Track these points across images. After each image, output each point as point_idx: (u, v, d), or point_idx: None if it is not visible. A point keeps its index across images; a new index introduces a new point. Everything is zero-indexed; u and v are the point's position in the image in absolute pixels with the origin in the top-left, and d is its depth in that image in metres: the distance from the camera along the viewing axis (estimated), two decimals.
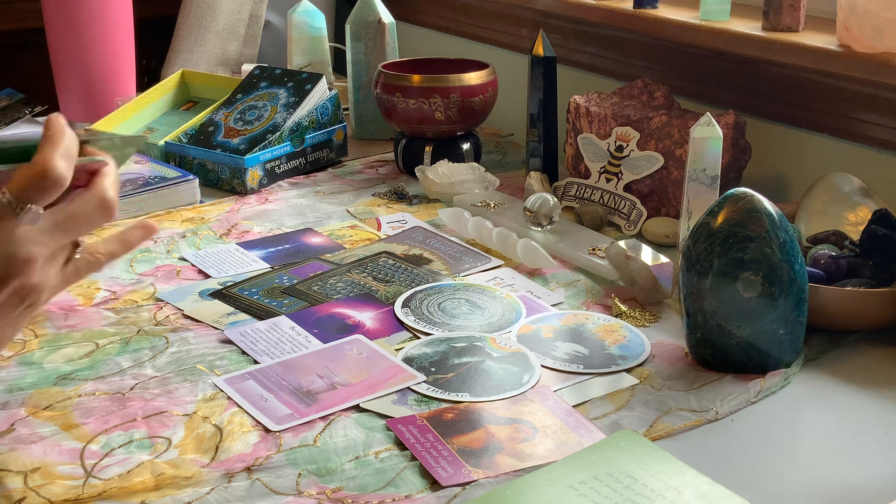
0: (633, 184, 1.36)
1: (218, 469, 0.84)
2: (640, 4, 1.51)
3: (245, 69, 1.92)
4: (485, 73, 1.54)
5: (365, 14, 1.72)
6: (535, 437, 0.88)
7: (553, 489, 0.80)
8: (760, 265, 0.95)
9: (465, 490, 0.82)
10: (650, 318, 1.11)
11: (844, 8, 1.23)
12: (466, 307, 1.12)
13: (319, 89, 1.58)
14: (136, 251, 1.27)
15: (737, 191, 0.98)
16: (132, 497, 0.81)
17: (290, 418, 0.91)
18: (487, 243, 1.28)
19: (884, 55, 1.20)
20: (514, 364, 1.01)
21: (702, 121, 1.18)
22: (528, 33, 1.81)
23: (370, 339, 1.05)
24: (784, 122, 1.40)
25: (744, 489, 0.80)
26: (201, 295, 1.16)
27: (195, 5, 2.06)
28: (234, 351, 1.04)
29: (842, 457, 0.86)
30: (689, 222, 1.19)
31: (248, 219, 1.39)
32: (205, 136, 1.55)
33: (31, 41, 1.94)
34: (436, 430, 0.89)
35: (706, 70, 1.50)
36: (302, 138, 1.55)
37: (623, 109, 1.41)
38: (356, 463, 0.85)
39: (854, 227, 1.16)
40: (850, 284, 1.05)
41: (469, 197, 1.41)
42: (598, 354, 1.02)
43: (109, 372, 1.00)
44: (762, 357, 0.98)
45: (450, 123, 1.52)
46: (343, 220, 1.39)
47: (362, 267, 1.22)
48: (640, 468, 0.82)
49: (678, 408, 0.93)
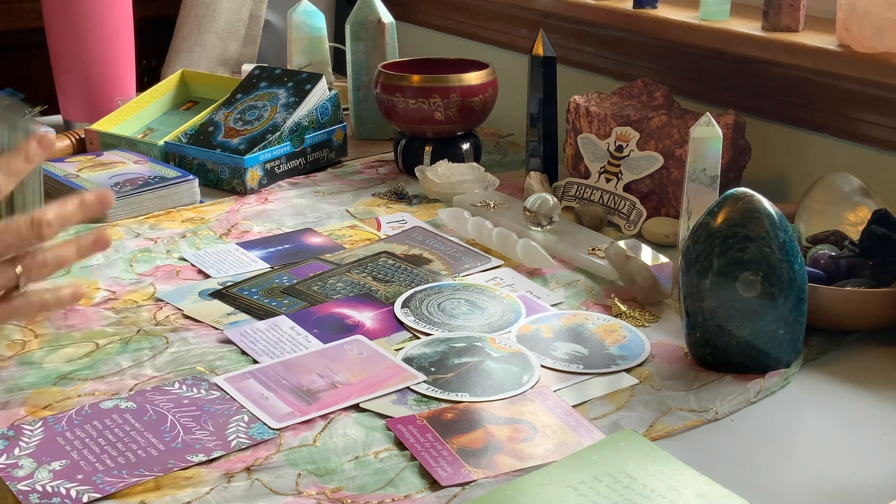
0: (632, 184, 1.36)
1: (217, 469, 0.85)
2: (640, 4, 1.51)
3: (245, 69, 1.92)
4: (485, 73, 1.54)
5: (365, 14, 1.72)
6: (535, 437, 0.88)
7: (553, 489, 0.80)
8: (760, 265, 0.95)
9: (465, 490, 0.82)
10: (650, 318, 1.11)
11: (844, 8, 1.23)
12: (466, 307, 1.12)
13: (319, 89, 1.58)
14: (136, 251, 1.27)
15: (737, 191, 0.98)
16: (132, 497, 0.81)
17: (290, 416, 0.91)
18: (487, 243, 1.28)
19: (884, 55, 1.20)
20: (513, 364, 1.01)
21: (702, 121, 1.18)
22: (528, 33, 1.81)
23: (370, 339, 1.05)
24: (784, 122, 1.40)
25: (743, 489, 0.80)
26: (201, 295, 1.16)
27: (195, 5, 2.06)
28: (233, 351, 1.04)
29: (842, 457, 0.86)
30: (688, 222, 1.19)
31: (247, 219, 1.39)
32: (205, 136, 1.55)
33: (31, 41, 1.94)
34: (435, 429, 0.89)
35: (706, 70, 1.50)
36: (302, 138, 1.55)
37: (623, 109, 1.41)
38: (356, 463, 0.85)
39: (854, 227, 1.16)
40: (850, 284, 1.05)
41: (469, 197, 1.41)
42: (598, 354, 1.02)
43: (109, 372, 1.00)
44: (762, 357, 0.98)
45: (450, 123, 1.52)
46: (343, 220, 1.39)
47: (362, 267, 1.22)
48: (640, 468, 0.82)
49: (678, 408, 0.93)
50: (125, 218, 1.39)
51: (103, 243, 0.82)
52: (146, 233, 1.34)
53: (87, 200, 0.80)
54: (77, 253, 0.81)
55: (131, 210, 1.39)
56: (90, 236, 0.81)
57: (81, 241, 0.81)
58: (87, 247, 0.82)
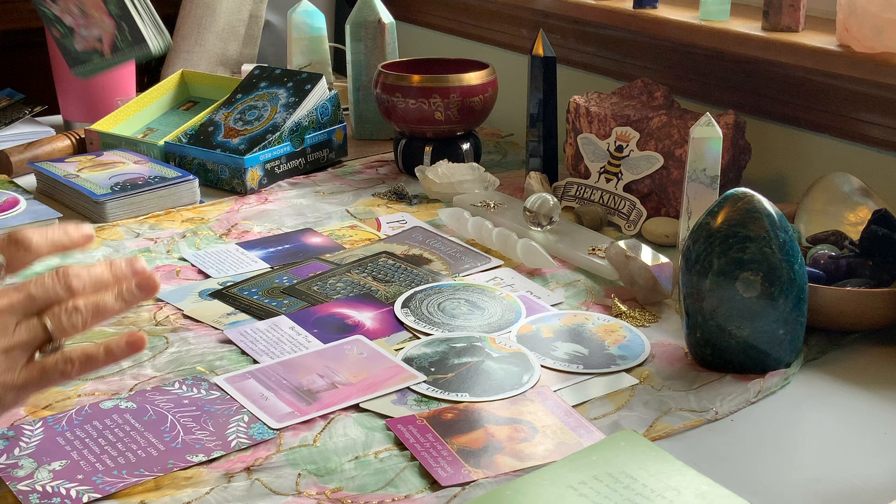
0: (632, 184, 1.36)
1: (217, 469, 0.85)
2: (640, 4, 1.51)
3: (245, 69, 1.92)
4: (485, 73, 1.54)
5: (365, 14, 1.72)
6: (535, 437, 0.88)
7: (553, 489, 0.80)
8: (760, 265, 0.95)
9: (465, 490, 0.82)
10: (650, 318, 1.11)
11: (844, 8, 1.23)
12: (466, 307, 1.12)
13: (319, 89, 1.58)
14: (137, 251, 1.28)
15: (737, 191, 0.98)
16: (132, 497, 0.81)
17: (290, 416, 0.91)
18: (487, 243, 1.28)
19: (884, 55, 1.20)
20: (513, 364, 1.01)
21: (702, 121, 1.18)
22: (528, 33, 1.81)
23: (370, 339, 1.05)
24: (784, 122, 1.40)
25: (744, 489, 0.80)
26: (201, 295, 1.16)
27: (195, 5, 2.06)
28: (233, 351, 1.04)
29: (842, 457, 0.86)
30: (688, 222, 1.19)
31: (247, 219, 1.39)
32: (205, 136, 1.55)
33: (31, 41, 1.94)
34: (435, 429, 0.89)
35: (706, 70, 1.50)
36: (302, 138, 1.55)
37: (623, 109, 1.41)
38: (356, 463, 0.85)
39: (854, 227, 1.16)
40: (850, 284, 1.05)
41: (469, 197, 1.41)
42: (598, 354, 1.02)
43: (109, 372, 1.00)
44: (762, 357, 0.98)
45: (450, 123, 1.52)
46: (343, 220, 1.39)
47: (362, 267, 1.22)
48: (640, 468, 0.82)
49: (678, 408, 0.93)
50: (125, 218, 1.39)
51: (150, 290, 0.74)
52: (146, 233, 1.34)
53: (122, 271, 0.74)
54: (119, 298, 0.73)
55: (131, 210, 1.39)
56: (134, 279, 0.74)
57: (123, 285, 0.73)
58: (130, 291, 0.73)
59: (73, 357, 0.72)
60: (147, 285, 0.74)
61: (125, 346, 0.74)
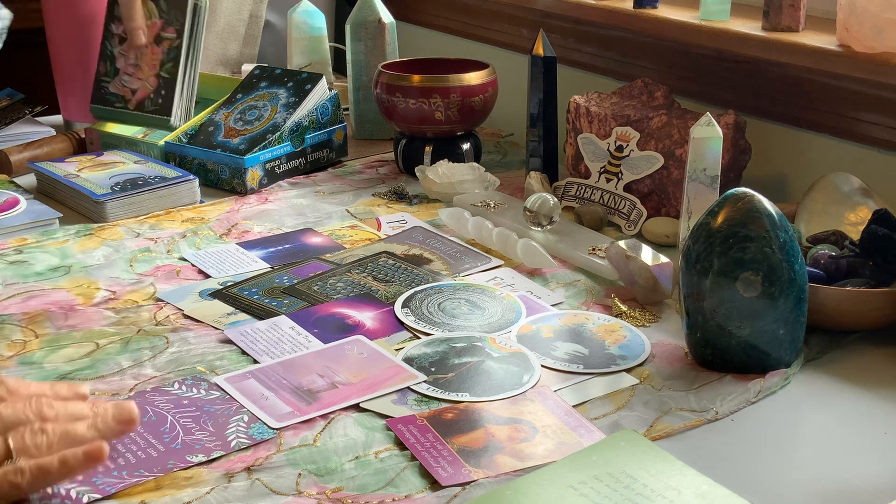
0: (633, 184, 1.36)
1: (217, 469, 0.85)
2: (640, 4, 1.51)
3: (245, 69, 1.92)
4: (485, 73, 1.54)
5: (365, 14, 1.72)
6: (535, 436, 0.88)
7: (553, 489, 0.80)
8: (760, 265, 0.95)
9: (465, 490, 0.82)
10: (650, 318, 1.11)
11: (844, 8, 1.23)
12: (466, 307, 1.12)
13: (319, 89, 1.58)
14: (137, 251, 1.28)
15: (737, 191, 0.98)
16: (132, 497, 0.81)
17: (290, 416, 0.91)
18: (487, 243, 1.28)
19: (884, 55, 1.20)
20: (514, 364, 1.01)
21: (702, 121, 1.18)
22: (528, 33, 1.81)
23: (370, 339, 1.05)
24: (784, 122, 1.40)
25: (744, 489, 0.80)
26: (201, 295, 1.16)
27: None
28: (234, 351, 1.04)
29: (842, 457, 0.86)
30: (689, 222, 1.19)
31: (248, 219, 1.39)
32: (205, 136, 1.55)
33: (32, 41, 1.94)
34: (436, 429, 0.89)
35: (706, 70, 1.50)
36: (302, 138, 1.55)
37: (623, 109, 1.41)
38: (356, 463, 0.85)
39: (854, 227, 1.16)
40: (850, 284, 1.05)
41: (469, 197, 1.41)
42: (598, 354, 1.02)
43: (109, 372, 1.00)
44: (762, 357, 0.98)
45: (450, 123, 1.52)
46: (343, 220, 1.39)
47: (362, 267, 1.22)
48: (640, 468, 0.82)
49: (678, 408, 0.93)
50: (125, 218, 1.39)
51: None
52: (146, 233, 1.34)
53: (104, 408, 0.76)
54: (92, 428, 0.74)
55: (131, 210, 1.39)
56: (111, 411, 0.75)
57: (100, 418, 0.74)
58: (106, 423, 0.74)
59: (25, 468, 0.72)
60: (126, 420, 0.78)
61: (83, 458, 0.74)
